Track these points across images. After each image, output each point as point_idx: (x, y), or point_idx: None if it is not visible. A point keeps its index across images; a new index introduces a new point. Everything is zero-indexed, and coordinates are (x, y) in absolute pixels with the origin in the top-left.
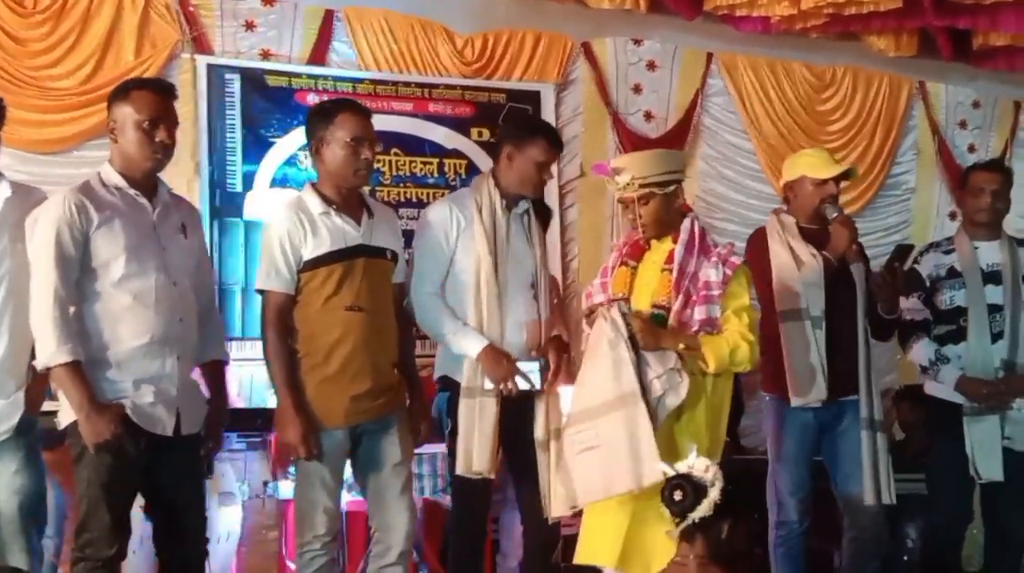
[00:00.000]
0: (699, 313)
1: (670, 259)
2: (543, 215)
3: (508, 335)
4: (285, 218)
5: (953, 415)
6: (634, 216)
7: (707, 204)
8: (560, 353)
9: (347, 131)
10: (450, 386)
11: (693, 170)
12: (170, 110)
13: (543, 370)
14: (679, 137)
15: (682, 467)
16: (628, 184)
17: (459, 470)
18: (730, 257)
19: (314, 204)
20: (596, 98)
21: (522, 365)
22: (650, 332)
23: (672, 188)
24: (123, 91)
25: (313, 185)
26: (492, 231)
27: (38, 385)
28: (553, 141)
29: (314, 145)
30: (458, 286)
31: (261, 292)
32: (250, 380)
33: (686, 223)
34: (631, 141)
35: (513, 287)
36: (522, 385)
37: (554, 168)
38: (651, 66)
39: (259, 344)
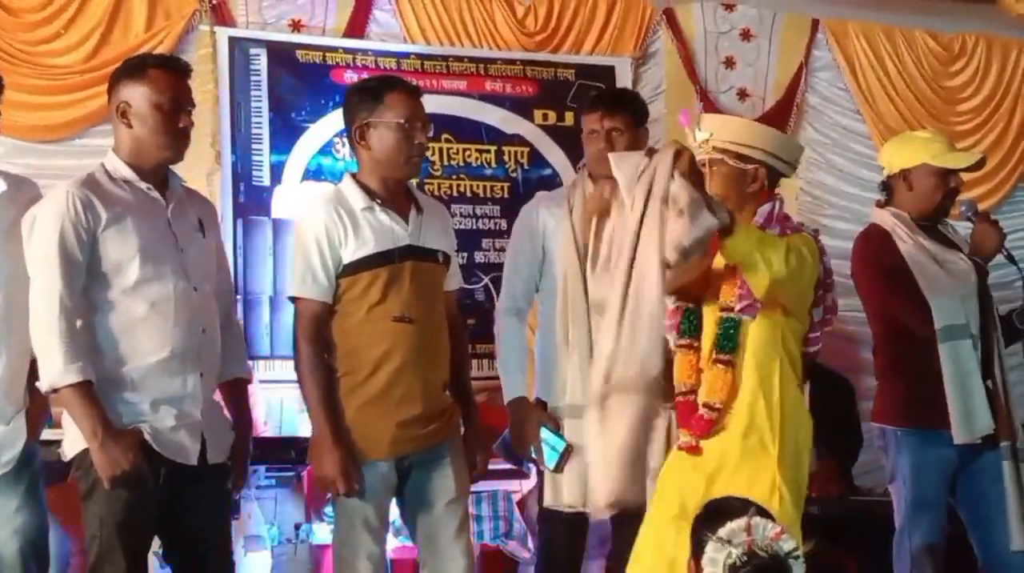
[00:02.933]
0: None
1: None
2: None
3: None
4: (322, 214)
5: None
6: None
7: (813, 198)
8: None
9: (398, 112)
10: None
11: None
12: (189, 93)
13: (566, 453)
14: (779, 119)
15: (736, 532)
16: (704, 143)
17: (547, 501)
18: (792, 225)
19: (356, 198)
20: (681, 74)
21: (548, 437)
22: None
23: (752, 167)
24: (138, 67)
25: (354, 176)
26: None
27: (38, 407)
28: (608, 105)
29: (356, 130)
30: (547, 303)
31: (293, 300)
32: (280, 405)
33: (765, 207)
34: None
35: None
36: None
37: None
38: (745, 35)
39: (290, 363)
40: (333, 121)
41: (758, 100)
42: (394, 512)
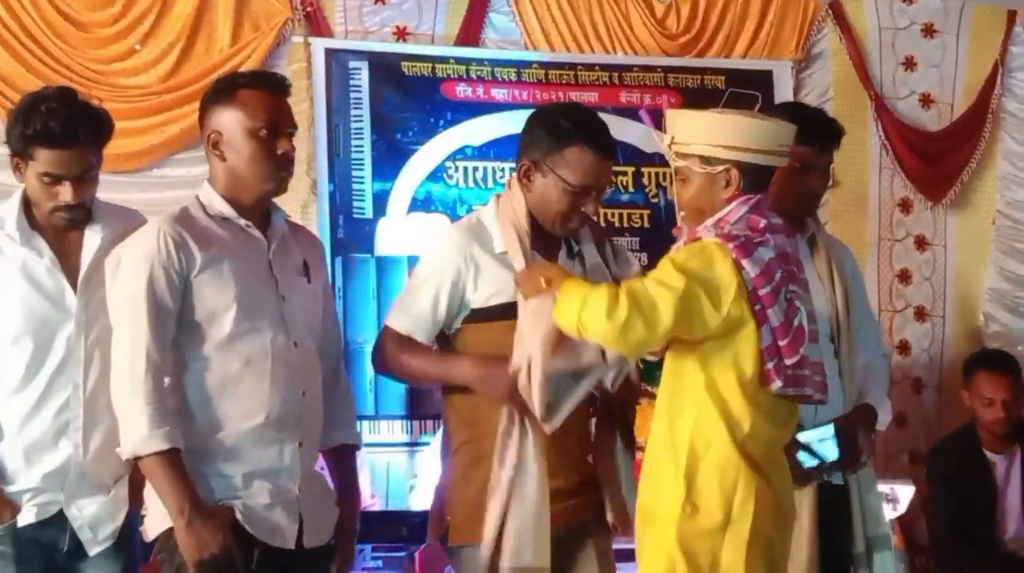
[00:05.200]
0: None
1: None
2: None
3: None
4: (445, 247)
5: None
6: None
7: (1012, 223)
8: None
9: (574, 172)
10: None
11: (991, 173)
12: (289, 114)
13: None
14: (971, 129)
15: None
16: (669, 148)
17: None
18: (703, 231)
19: (497, 239)
20: (851, 78)
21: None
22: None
23: (721, 169)
24: (226, 90)
25: (501, 202)
26: None
27: (140, 475)
28: (828, 139)
29: (526, 165)
30: None
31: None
32: (386, 473)
33: (722, 210)
34: (902, 136)
35: None
36: (809, 462)
37: None
38: (928, 31)
39: (399, 424)
40: (444, 142)
41: (944, 107)
42: None
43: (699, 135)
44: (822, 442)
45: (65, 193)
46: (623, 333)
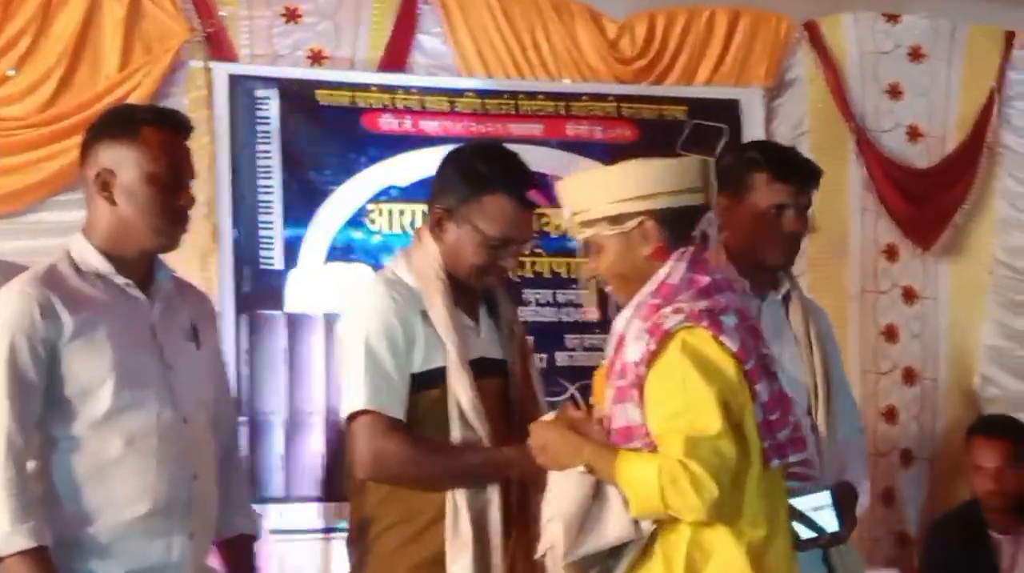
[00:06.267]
0: (617, 419)
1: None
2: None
3: None
4: (384, 303)
5: None
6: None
7: (1013, 272)
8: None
9: (493, 223)
10: None
11: (988, 216)
12: (190, 158)
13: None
14: (965, 165)
15: None
16: (570, 224)
17: None
18: (665, 319)
19: (417, 297)
20: (830, 108)
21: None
22: (540, 442)
23: (633, 224)
24: (125, 124)
25: (411, 256)
26: None
27: None
28: (806, 177)
29: (438, 214)
30: None
31: (358, 416)
32: (297, 564)
33: (660, 271)
34: (886, 173)
35: None
36: (806, 533)
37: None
38: (916, 55)
39: (312, 506)
40: (367, 181)
41: (935, 141)
42: None
43: (600, 195)
44: (819, 511)
45: None
46: (717, 507)
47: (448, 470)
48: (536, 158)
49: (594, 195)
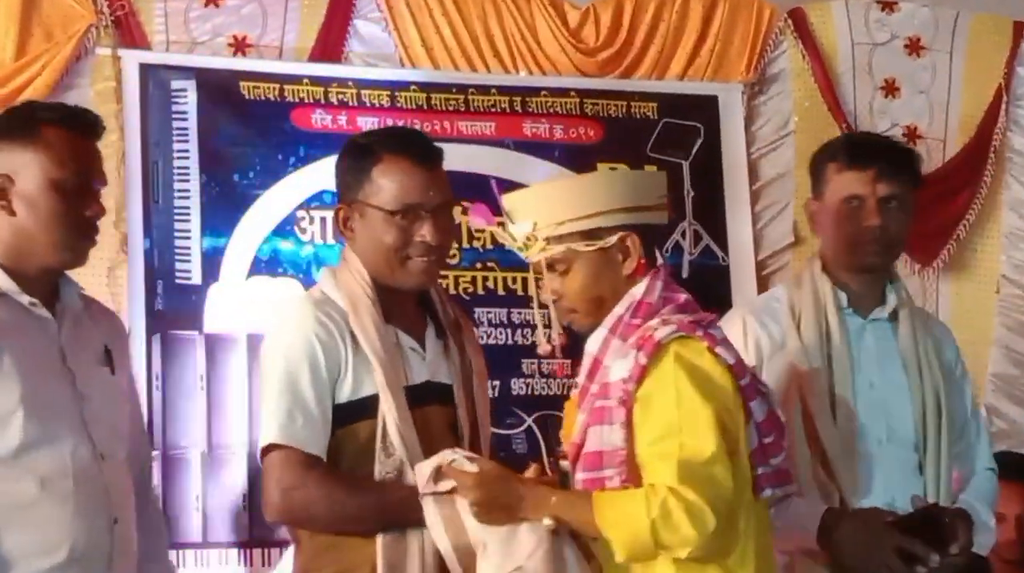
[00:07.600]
0: (589, 443)
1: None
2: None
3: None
4: (308, 325)
5: None
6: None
7: (1023, 291)
8: None
9: (390, 191)
10: None
11: (995, 229)
12: (100, 163)
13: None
14: (969, 172)
15: None
16: (530, 239)
17: None
18: (655, 331)
19: (346, 318)
20: (818, 105)
21: None
22: (491, 496)
23: (615, 239)
24: (25, 124)
25: (336, 273)
26: (826, 349)
27: None
28: (888, 161)
29: (342, 213)
30: None
31: (270, 450)
32: None
33: (634, 290)
34: None
35: (875, 438)
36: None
37: (747, 232)
38: (914, 48)
39: (231, 553)
40: (296, 186)
41: (935, 144)
42: None
43: (574, 206)
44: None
45: None
46: (716, 538)
47: (363, 511)
48: (488, 160)
49: (567, 206)
